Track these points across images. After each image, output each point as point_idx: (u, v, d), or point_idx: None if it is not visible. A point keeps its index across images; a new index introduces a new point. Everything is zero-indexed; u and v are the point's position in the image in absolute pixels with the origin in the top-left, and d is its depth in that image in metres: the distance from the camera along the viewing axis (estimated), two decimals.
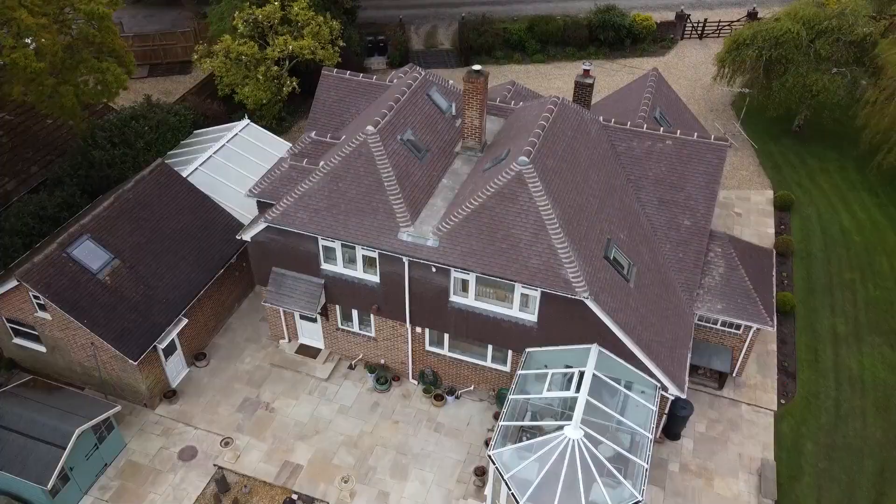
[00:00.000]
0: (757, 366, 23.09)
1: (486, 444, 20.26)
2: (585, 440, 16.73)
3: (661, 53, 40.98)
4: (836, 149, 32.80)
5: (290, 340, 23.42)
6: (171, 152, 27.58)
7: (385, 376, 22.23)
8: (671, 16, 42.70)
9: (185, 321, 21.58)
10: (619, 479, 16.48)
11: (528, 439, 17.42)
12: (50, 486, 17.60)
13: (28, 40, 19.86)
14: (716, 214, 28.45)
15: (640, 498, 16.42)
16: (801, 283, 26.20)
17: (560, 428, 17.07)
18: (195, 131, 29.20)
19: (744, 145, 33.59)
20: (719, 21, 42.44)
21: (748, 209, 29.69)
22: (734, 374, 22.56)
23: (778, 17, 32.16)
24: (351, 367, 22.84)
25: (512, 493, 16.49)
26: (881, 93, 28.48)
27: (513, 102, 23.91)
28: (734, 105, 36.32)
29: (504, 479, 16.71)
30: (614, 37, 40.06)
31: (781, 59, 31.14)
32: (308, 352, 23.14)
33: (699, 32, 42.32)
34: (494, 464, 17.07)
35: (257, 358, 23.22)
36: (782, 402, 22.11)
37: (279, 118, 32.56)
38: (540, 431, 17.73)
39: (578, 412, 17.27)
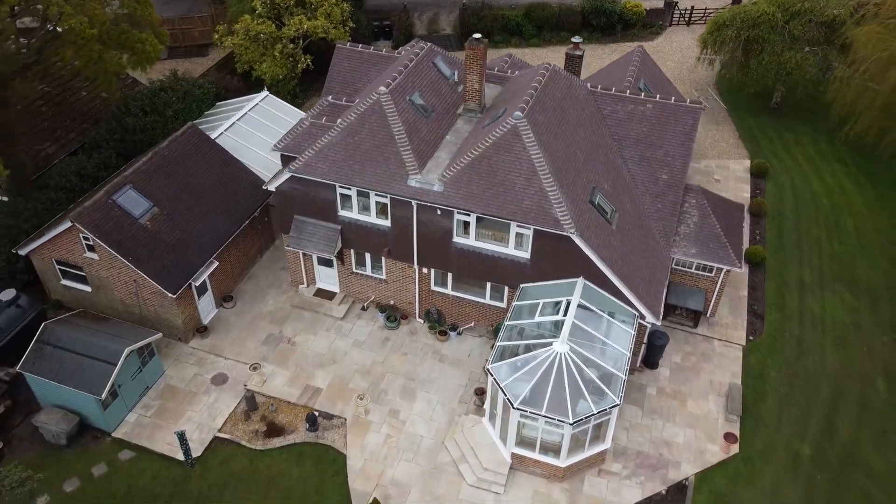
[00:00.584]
0: (729, 309, 25.69)
1: (486, 371, 22.84)
2: (571, 354, 19.33)
3: (651, 38, 43.62)
4: (810, 123, 35.44)
5: (308, 285, 26.02)
6: (197, 121, 30.14)
7: (394, 315, 24.82)
8: (660, 3, 45.36)
9: (215, 264, 24.17)
10: (601, 386, 19.08)
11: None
12: (103, 396, 20.16)
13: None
14: (696, 181, 31.14)
15: (618, 402, 19.02)
16: (773, 239, 28.82)
17: (549, 344, 19.66)
18: (217, 103, 31.81)
19: (725, 121, 36.23)
20: (706, 8, 45.11)
21: (727, 176, 32.31)
22: (708, 315, 25.17)
23: (756, 0, 34.80)
24: (364, 309, 25.45)
25: (507, 399, 19.10)
26: (848, 68, 31.10)
27: (510, 72, 26.52)
28: (717, 85, 38.96)
29: (501, 388, 19.31)
30: (606, 22, 42.72)
31: (758, 39, 33.79)
32: (325, 295, 25.74)
33: (686, 19, 44.98)
34: (492, 375, 19.67)
35: (279, 301, 25.82)
36: (751, 338, 24.72)
37: (293, 94, 35.13)
38: (532, 350, 20.29)
39: (565, 331, 19.87)
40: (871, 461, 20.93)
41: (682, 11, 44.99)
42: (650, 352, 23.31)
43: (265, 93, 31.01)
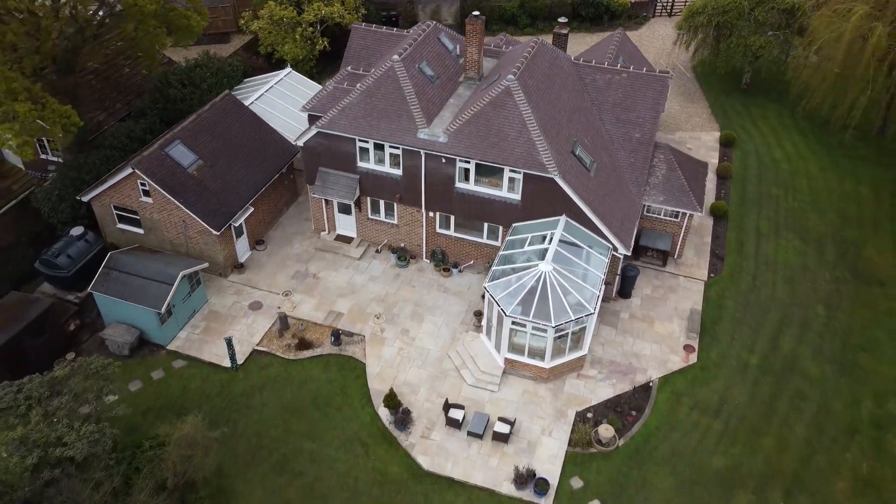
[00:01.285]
0: (694, 252, 29.72)
1: (483, 289, 26.82)
2: (554, 273, 23.35)
3: (635, 28, 47.76)
4: (774, 100, 39.54)
5: (329, 232, 30.04)
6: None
7: (405, 255, 28.83)
8: None
9: (251, 210, 28.20)
10: (578, 299, 23.09)
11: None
12: (162, 310, 24.16)
13: None
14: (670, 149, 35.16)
15: (592, 311, 23.04)
16: (736, 196, 32.88)
17: (535, 266, 23.67)
18: (245, 79, 35.89)
19: (700, 99, 40.33)
20: (686, 0, 49.31)
21: (698, 146, 36.38)
22: (675, 256, 29.21)
23: None
24: (378, 251, 29.46)
25: (501, 310, 23.10)
26: (804, 50, 35.22)
27: (504, 48, 30.63)
28: (694, 68, 43.08)
29: (495, 301, 23.31)
30: (594, 13, 46.87)
31: (727, 25, 38.01)
32: (344, 240, 29.75)
33: (668, 11, 49.16)
34: (488, 293, 23.68)
35: (304, 245, 29.84)
36: (712, 275, 28.74)
37: (311, 73, 39.19)
38: (521, 272, 24.26)
39: (549, 256, 23.89)
40: (807, 368, 24.93)
41: (665, 3, 49.17)
42: (624, 283, 27.32)
43: (288, 69, 35.17)
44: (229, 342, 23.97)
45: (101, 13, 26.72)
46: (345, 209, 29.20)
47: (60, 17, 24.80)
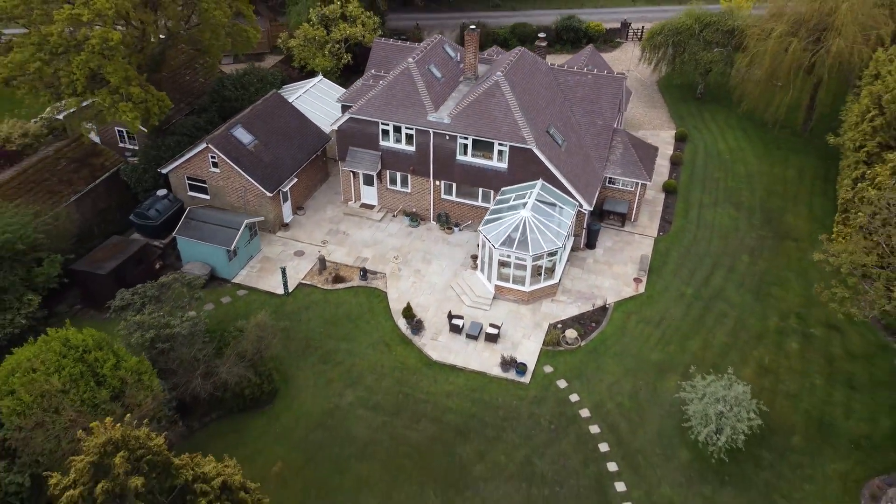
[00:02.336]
0: (647, 217, 37.30)
1: (478, 231, 34.21)
2: (531, 218, 30.89)
3: (610, 50, 56.20)
4: (723, 106, 47.56)
5: (355, 201, 37.66)
6: None
7: (416, 218, 36.40)
8: (617, 24, 58.16)
9: (294, 180, 35.90)
10: (550, 237, 30.58)
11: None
12: (232, 247, 31.62)
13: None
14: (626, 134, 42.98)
15: (559, 245, 30.51)
16: (685, 178, 40.62)
17: (518, 211, 31.21)
18: (284, 85, 43.94)
19: (661, 105, 48.42)
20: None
21: (657, 141, 44.20)
22: (632, 219, 36.78)
23: (680, 15, 47.41)
24: (394, 216, 37.03)
25: (491, 244, 30.56)
26: (742, 62, 43.35)
27: (495, 56, 38.67)
28: (658, 83, 51.31)
29: (486, 238, 30.80)
30: (574, 37, 55.37)
31: (681, 43, 46.32)
32: (367, 207, 37.35)
33: (638, 37, 57.68)
34: (482, 234, 31.17)
35: (335, 211, 37.45)
36: (661, 234, 36.27)
37: (336, 83, 47.28)
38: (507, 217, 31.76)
39: (528, 206, 31.46)
40: (730, 297, 32.27)
41: (635, 31, 57.73)
42: (589, 236, 34.83)
43: (320, 77, 43.30)
44: (283, 271, 31.43)
45: (185, 25, 34.82)
46: (368, 181, 36.88)
47: (158, 27, 32.88)
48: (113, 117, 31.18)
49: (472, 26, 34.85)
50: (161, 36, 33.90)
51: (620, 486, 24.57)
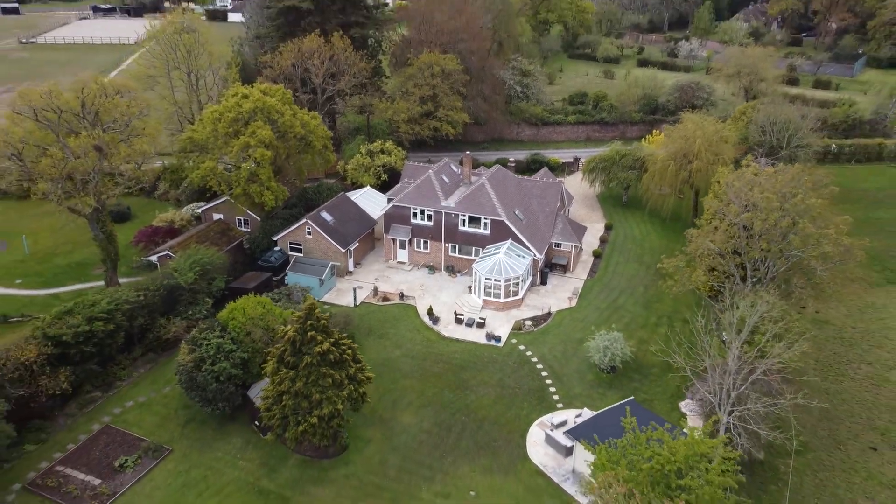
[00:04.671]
0: (581, 268, 59.06)
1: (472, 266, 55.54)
2: (503, 259, 52.70)
3: (565, 176, 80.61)
4: (639, 208, 70.87)
5: (393, 259, 59.49)
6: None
7: (432, 268, 58.06)
8: (570, 159, 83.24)
9: (356, 244, 58.04)
10: (516, 270, 52.19)
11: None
12: (322, 277, 53.04)
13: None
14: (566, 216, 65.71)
15: (520, 274, 52.08)
16: (608, 249, 62.84)
17: (496, 255, 53.06)
18: (341, 193, 67.30)
19: (598, 209, 71.73)
20: None
21: (593, 228, 66.88)
22: (571, 269, 58.49)
23: (608, 151, 72.02)
24: (418, 268, 58.72)
25: (480, 274, 52.09)
26: (645, 179, 67.08)
27: (482, 170, 62.33)
28: (597, 195, 75.10)
29: (478, 270, 52.42)
30: (539, 167, 79.91)
31: (608, 168, 70.56)
32: (401, 263, 59.13)
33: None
34: (475, 268, 52.81)
35: (380, 265, 59.24)
36: (589, 277, 57.86)
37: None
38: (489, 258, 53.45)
39: (502, 252, 53.36)
40: (628, 308, 53.26)
41: (582, 164, 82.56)
42: (542, 277, 56.34)
43: (367, 187, 66.86)
44: (354, 290, 52.71)
45: (297, 151, 58.64)
46: (402, 245, 58.94)
47: (284, 145, 56.59)
48: (260, 199, 53.85)
49: (467, 151, 58.64)
50: (284, 154, 57.58)
51: (552, 390, 44.35)
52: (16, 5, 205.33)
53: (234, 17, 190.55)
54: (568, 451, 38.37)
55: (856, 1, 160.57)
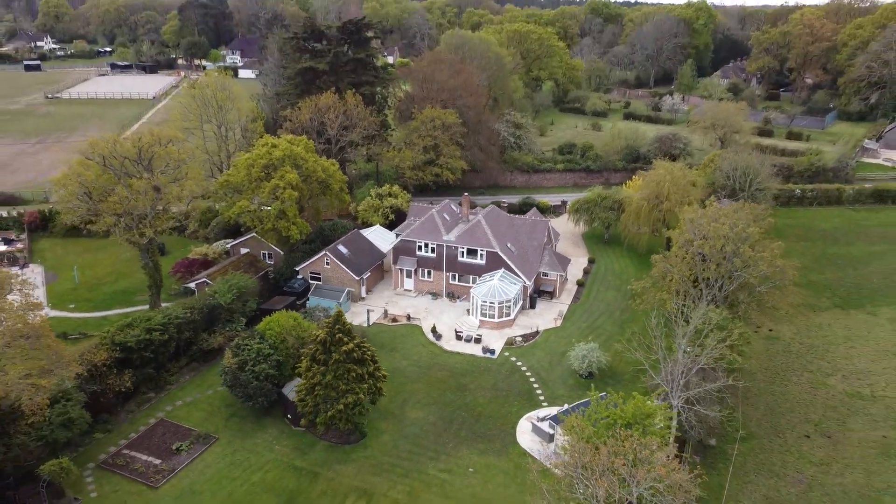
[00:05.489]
0: (566, 295, 67.64)
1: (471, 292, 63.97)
2: (497, 285, 61.35)
3: (554, 217, 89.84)
4: (618, 245, 79.84)
5: (401, 287, 68.05)
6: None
7: (435, 294, 66.59)
8: (558, 202, 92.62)
9: (368, 273, 66.71)
10: (508, 294, 60.78)
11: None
12: (340, 301, 61.50)
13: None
14: (552, 250, 74.57)
15: (512, 297, 60.66)
16: (590, 279, 71.53)
17: (491, 280, 61.71)
18: (355, 229, 76.30)
19: (582, 245, 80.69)
20: None
21: (576, 261, 75.71)
22: (557, 296, 67.04)
23: (589, 195, 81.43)
24: (423, 294, 67.24)
25: (476, 296, 60.64)
26: (623, 218, 76.21)
27: (478, 209, 71.51)
28: (582, 234, 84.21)
29: (475, 294, 61.01)
30: (529, 209, 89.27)
31: (589, 210, 79.86)
32: (407, 290, 67.69)
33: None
34: (472, 292, 61.40)
35: (389, 292, 67.79)
36: (573, 303, 66.38)
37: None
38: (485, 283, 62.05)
39: (496, 279, 62.06)
40: (605, 327, 61.64)
41: (568, 206, 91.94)
42: (531, 302, 64.85)
43: (377, 226, 75.93)
44: (368, 311, 61.11)
45: (319, 192, 67.85)
46: (408, 275, 67.57)
47: (307, 187, 65.72)
48: (287, 233, 62.76)
49: (466, 193, 67.94)
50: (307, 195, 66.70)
51: (539, 392, 52.39)
52: (38, 62, 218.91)
53: (245, 74, 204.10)
54: (550, 438, 46.25)
55: (827, 59, 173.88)
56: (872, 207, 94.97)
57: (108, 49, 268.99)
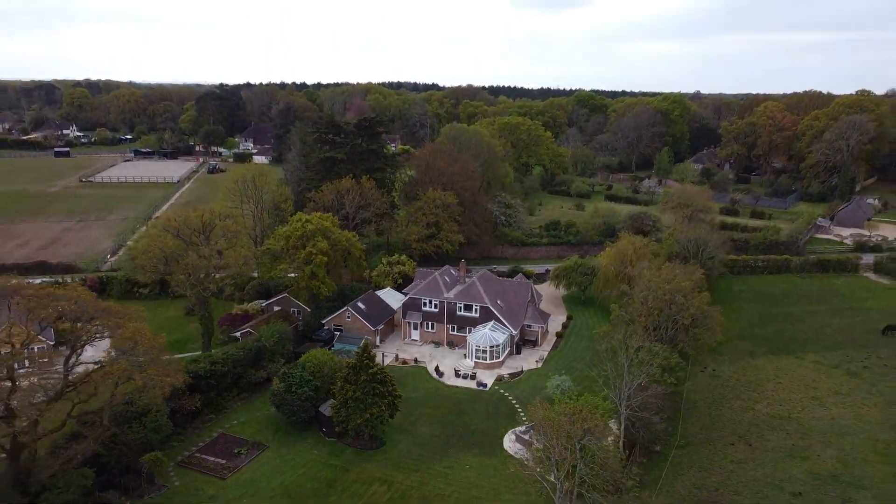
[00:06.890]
0: (547, 343, 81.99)
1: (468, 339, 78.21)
2: (489, 332, 75.96)
3: (540, 284, 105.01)
4: (593, 305, 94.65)
5: (409, 338, 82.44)
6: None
7: (437, 343, 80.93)
8: (544, 270, 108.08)
9: (382, 325, 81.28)
10: (498, 341, 75.28)
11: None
12: (360, 345, 75.80)
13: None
14: (535, 305, 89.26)
15: (499, 343, 75.17)
16: (569, 332, 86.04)
17: (484, 329, 76.32)
18: (370, 290, 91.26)
19: (562, 306, 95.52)
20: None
21: (556, 318, 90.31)
22: (539, 344, 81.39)
23: (567, 262, 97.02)
24: (427, 343, 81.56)
25: (471, 343, 75.11)
26: (595, 280, 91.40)
27: (474, 272, 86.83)
28: (563, 297, 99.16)
29: (471, 340, 75.50)
30: (517, 275, 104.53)
31: (568, 276, 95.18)
32: (414, 340, 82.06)
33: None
34: (468, 339, 75.90)
35: (399, 342, 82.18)
36: (552, 350, 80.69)
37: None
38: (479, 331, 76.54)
39: (487, 328, 76.70)
40: (579, 369, 75.74)
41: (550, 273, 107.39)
42: (517, 348, 79.14)
43: (389, 288, 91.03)
44: (382, 355, 75.35)
45: (343, 259, 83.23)
46: (415, 327, 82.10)
47: (333, 254, 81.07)
48: (317, 291, 77.69)
49: (463, 260, 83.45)
50: (333, 261, 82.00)
51: (521, 413, 66.03)
52: (67, 149, 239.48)
53: (258, 159, 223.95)
54: (528, 444, 59.75)
55: (789, 147, 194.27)
56: (815, 275, 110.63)
57: (128, 136, 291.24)
